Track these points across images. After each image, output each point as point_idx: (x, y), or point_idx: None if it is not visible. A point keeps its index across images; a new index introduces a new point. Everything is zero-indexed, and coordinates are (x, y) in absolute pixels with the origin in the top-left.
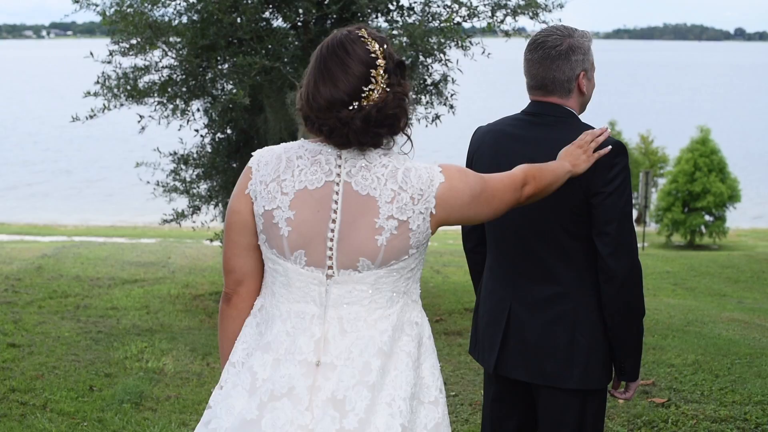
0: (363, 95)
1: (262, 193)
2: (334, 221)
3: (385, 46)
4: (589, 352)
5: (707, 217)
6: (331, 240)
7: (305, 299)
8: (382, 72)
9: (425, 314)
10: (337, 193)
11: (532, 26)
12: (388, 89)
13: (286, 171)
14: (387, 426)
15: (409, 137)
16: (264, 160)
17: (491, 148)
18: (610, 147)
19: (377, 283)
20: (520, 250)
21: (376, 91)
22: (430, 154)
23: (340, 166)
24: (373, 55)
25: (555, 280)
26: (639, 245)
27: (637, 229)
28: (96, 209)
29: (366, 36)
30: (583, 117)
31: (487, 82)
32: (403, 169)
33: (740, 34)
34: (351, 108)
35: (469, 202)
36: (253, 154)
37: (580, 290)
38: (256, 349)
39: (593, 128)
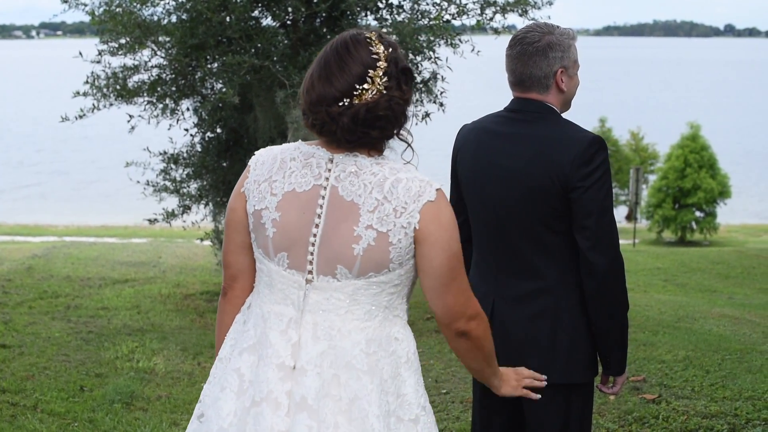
0: (355, 93)
1: (254, 192)
2: (317, 226)
3: (391, 50)
4: (571, 346)
5: (698, 213)
6: (313, 244)
7: (285, 301)
8: (381, 74)
9: (410, 330)
10: (323, 198)
11: (522, 23)
12: (384, 92)
13: (278, 172)
14: None
15: (409, 144)
16: (261, 159)
17: (474, 145)
18: (539, 396)
19: (355, 294)
20: (503, 246)
21: (370, 92)
22: (428, 153)
23: (330, 170)
24: (375, 56)
25: (537, 276)
26: (630, 242)
27: (628, 225)
28: (95, 210)
29: (373, 38)
30: (574, 113)
31: (481, 79)
32: (392, 180)
33: (730, 31)
34: (341, 104)
35: (440, 247)
36: (255, 153)
37: (563, 285)
38: (244, 350)
39: (575, 124)
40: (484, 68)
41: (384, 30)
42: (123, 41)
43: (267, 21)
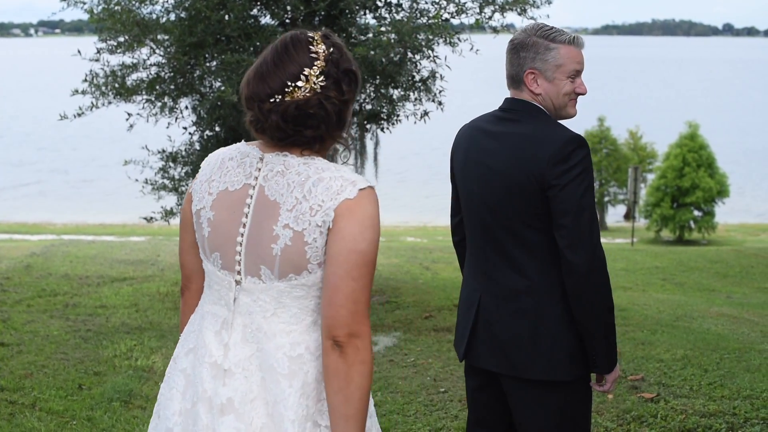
0: (287, 90)
1: (198, 192)
2: (244, 225)
3: (333, 50)
4: (553, 343)
5: (696, 213)
6: (240, 244)
7: (219, 302)
8: (317, 73)
9: None
10: (251, 197)
11: (520, 22)
12: (319, 90)
13: (217, 171)
14: None
15: (347, 147)
16: (209, 160)
17: (466, 144)
18: None
19: (280, 297)
20: (489, 243)
21: (304, 90)
22: (429, 152)
23: (259, 169)
24: (313, 55)
25: (521, 273)
26: (628, 241)
27: (626, 224)
28: (94, 209)
29: (316, 38)
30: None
31: (480, 78)
32: (315, 179)
33: (728, 30)
34: (272, 101)
35: (343, 237)
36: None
37: (545, 283)
38: (189, 350)
39: (558, 124)
40: (483, 67)
41: (383, 29)
42: (122, 39)
43: (266, 19)
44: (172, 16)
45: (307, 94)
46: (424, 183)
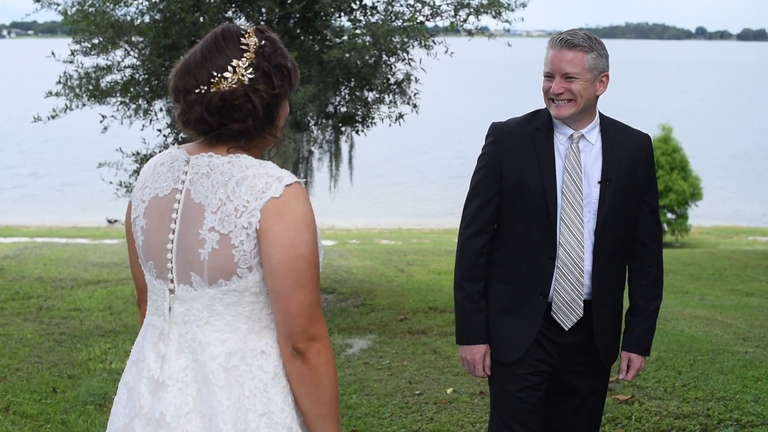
0: (212, 81)
1: (134, 201)
2: (173, 231)
3: (265, 43)
4: None
5: (669, 215)
6: (171, 251)
7: (157, 312)
8: (246, 64)
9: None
10: (178, 202)
11: (495, 25)
12: (246, 82)
13: (150, 177)
14: None
15: (276, 144)
16: (145, 166)
17: None
18: None
19: (213, 305)
20: None
21: (230, 81)
22: (414, 156)
23: (186, 173)
24: (244, 47)
25: None
26: None
27: None
28: (68, 211)
29: (249, 31)
30: None
31: (457, 81)
32: (238, 178)
33: (701, 33)
34: (197, 91)
35: (279, 244)
36: None
37: None
38: (132, 363)
39: (524, 115)
40: (458, 70)
41: (358, 31)
42: (96, 41)
43: (241, 21)
44: (147, 18)
45: (234, 86)
46: (411, 187)
